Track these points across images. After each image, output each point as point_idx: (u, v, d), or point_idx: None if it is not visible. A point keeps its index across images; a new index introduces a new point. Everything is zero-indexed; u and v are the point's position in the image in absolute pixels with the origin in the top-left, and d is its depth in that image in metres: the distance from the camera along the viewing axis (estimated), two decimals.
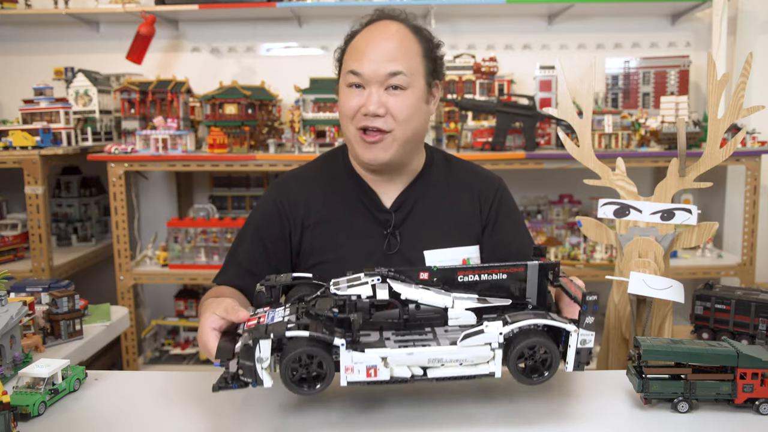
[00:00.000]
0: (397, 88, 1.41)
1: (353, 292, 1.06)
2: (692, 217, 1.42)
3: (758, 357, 1.09)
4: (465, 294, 1.13)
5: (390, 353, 1.00)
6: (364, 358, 0.99)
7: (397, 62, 1.40)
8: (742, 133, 1.47)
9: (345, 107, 1.44)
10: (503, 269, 1.16)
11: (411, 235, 1.50)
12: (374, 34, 1.43)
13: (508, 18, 3.27)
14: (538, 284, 1.17)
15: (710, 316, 1.42)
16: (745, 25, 3.09)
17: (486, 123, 2.97)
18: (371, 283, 1.08)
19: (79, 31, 3.29)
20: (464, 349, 1.01)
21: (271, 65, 3.31)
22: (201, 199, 3.41)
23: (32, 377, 1.16)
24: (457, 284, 1.15)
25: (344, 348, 0.98)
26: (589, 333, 1.03)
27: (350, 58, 1.44)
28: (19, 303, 1.34)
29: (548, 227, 3.11)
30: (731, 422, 1.09)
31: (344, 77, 1.45)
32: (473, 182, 1.58)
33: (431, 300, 1.09)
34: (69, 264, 2.89)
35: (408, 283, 1.11)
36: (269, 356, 0.98)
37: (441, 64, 1.52)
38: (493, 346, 1.01)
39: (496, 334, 1.01)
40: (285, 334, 0.98)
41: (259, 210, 1.58)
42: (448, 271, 1.15)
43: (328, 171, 1.58)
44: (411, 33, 1.45)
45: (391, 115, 1.41)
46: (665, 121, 2.74)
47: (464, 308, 1.09)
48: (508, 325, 1.01)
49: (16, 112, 2.81)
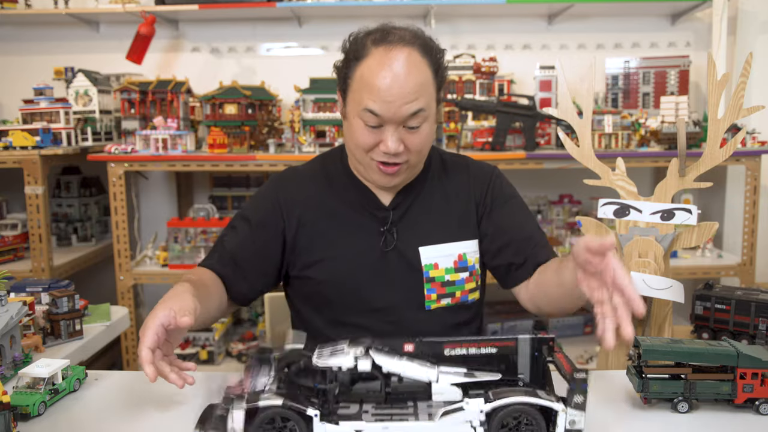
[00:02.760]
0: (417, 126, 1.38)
1: (334, 362, 1.03)
2: (692, 217, 1.42)
3: (758, 357, 1.09)
4: (452, 368, 1.08)
5: (365, 427, 0.97)
6: (338, 430, 0.96)
7: (417, 102, 1.35)
8: (742, 133, 1.48)
9: (361, 142, 1.39)
10: (493, 343, 1.10)
11: (407, 232, 1.50)
12: (389, 69, 1.33)
13: (508, 18, 3.27)
14: (531, 358, 1.11)
15: (710, 316, 1.42)
16: (745, 25, 3.09)
17: (486, 123, 2.97)
18: (354, 354, 1.04)
19: (79, 31, 3.29)
20: (443, 427, 0.97)
21: (271, 65, 3.31)
22: (201, 199, 3.41)
23: (32, 377, 1.16)
24: (444, 358, 1.10)
25: (318, 419, 0.96)
26: (579, 413, 0.98)
27: (365, 92, 1.36)
28: (19, 303, 1.34)
29: (548, 227, 3.11)
30: (731, 422, 1.09)
31: (359, 112, 1.37)
32: (467, 176, 1.58)
33: (414, 373, 1.05)
34: (69, 264, 2.89)
35: (391, 354, 1.07)
36: (242, 427, 0.95)
37: (446, 75, 1.47)
38: (474, 424, 0.97)
39: (476, 411, 0.97)
40: (258, 404, 0.95)
41: (256, 202, 1.57)
42: (435, 345, 1.10)
43: (327, 171, 1.57)
44: (422, 56, 1.38)
45: (410, 149, 1.39)
46: (665, 121, 2.74)
47: (449, 383, 1.05)
48: (490, 403, 0.97)
49: (16, 112, 2.81)
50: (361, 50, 1.38)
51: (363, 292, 1.48)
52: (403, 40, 1.37)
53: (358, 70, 1.38)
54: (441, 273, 1.49)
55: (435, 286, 1.48)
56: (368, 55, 1.37)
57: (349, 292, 1.48)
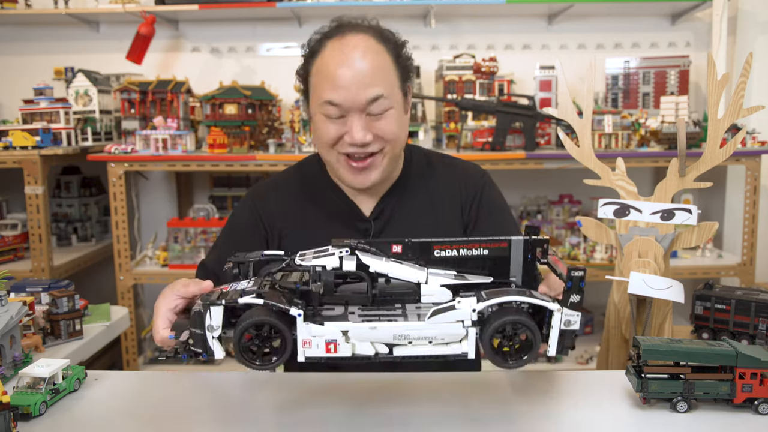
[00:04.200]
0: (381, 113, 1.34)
1: (318, 263, 0.98)
2: (692, 217, 1.42)
3: (757, 357, 1.09)
4: (442, 270, 1.04)
5: (351, 327, 0.93)
6: (322, 331, 0.92)
7: (375, 86, 1.31)
8: (742, 133, 1.47)
9: (325, 137, 1.36)
10: (485, 244, 1.06)
11: None
12: (343, 55, 1.31)
13: (508, 18, 3.27)
14: (524, 261, 1.07)
15: (710, 316, 1.42)
16: (745, 25, 3.09)
17: (486, 123, 2.97)
18: (338, 254, 1.00)
19: (79, 31, 3.29)
20: (433, 326, 0.93)
21: (271, 65, 3.31)
22: (201, 199, 3.41)
23: (32, 377, 1.16)
24: (434, 259, 1.05)
25: (301, 319, 0.91)
26: (574, 314, 0.94)
27: (322, 85, 1.34)
28: (19, 303, 1.34)
29: (548, 227, 3.11)
30: (730, 422, 1.09)
31: (319, 106, 1.35)
32: (454, 181, 1.54)
33: (402, 274, 1.00)
34: (69, 264, 2.89)
35: (379, 256, 1.03)
36: (220, 325, 0.92)
37: (410, 65, 1.43)
38: (466, 324, 0.93)
39: (468, 311, 0.93)
40: (238, 300, 0.92)
41: (235, 218, 1.55)
42: (424, 245, 1.05)
43: (305, 179, 1.54)
44: (378, 43, 1.35)
45: (379, 137, 1.35)
46: (665, 121, 2.74)
47: (439, 284, 1.01)
48: (483, 302, 0.93)
49: (16, 112, 2.81)
50: (316, 46, 1.37)
51: None
52: (355, 28, 1.35)
53: (315, 65, 1.37)
54: None
55: None
56: (323, 48, 1.36)
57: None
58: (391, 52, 1.37)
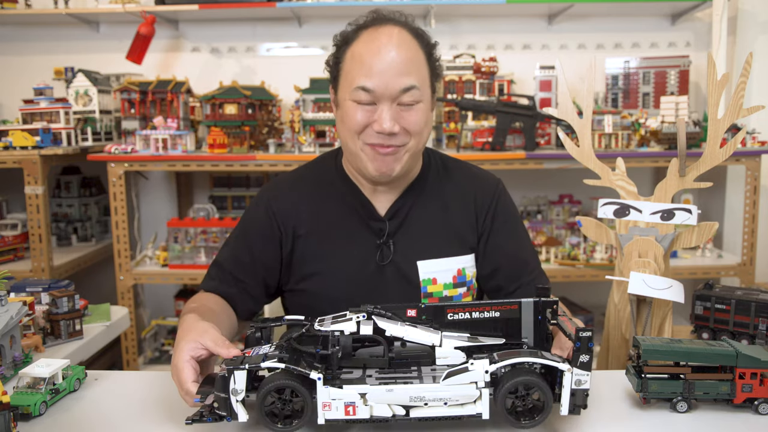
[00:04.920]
0: (411, 104, 1.34)
1: (336, 328, 1.03)
2: (692, 217, 1.42)
3: (757, 357, 1.09)
4: (455, 332, 1.08)
5: (369, 390, 0.97)
6: (342, 394, 0.96)
7: (410, 76, 1.32)
8: (742, 133, 1.47)
9: (352, 123, 1.35)
10: (496, 306, 1.10)
11: (405, 245, 1.45)
12: (379, 43, 1.33)
13: (508, 18, 3.27)
14: (535, 322, 1.11)
15: (710, 316, 1.42)
16: (745, 25, 3.09)
17: (486, 123, 2.97)
18: (355, 319, 1.04)
19: (79, 31, 3.29)
20: (448, 388, 0.97)
21: (271, 65, 3.31)
22: (201, 199, 3.41)
23: (32, 377, 1.16)
24: (447, 322, 1.10)
25: (321, 383, 0.96)
26: (585, 373, 0.97)
27: (355, 71, 1.34)
28: (19, 303, 1.34)
29: (548, 227, 3.11)
30: (730, 422, 1.09)
31: (351, 92, 1.34)
32: (470, 188, 1.53)
33: (417, 337, 1.05)
34: (69, 264, 2.89)
35: (394, 320, 1.07)
36: (243, 388, 0.96)
37: (439, 66, 1.45)
38: (480, 385, 0.97)
39: (482, 372, 0.97)
40: (260, 365, 0.96)
41: (249, 216, 1.54)
42: (438, 309, 1.10)
43: (321, 177, 1.52)
44: (413, 38, 1.37)
45: (406, 130, 1.35)
46: (665, 121, 2.74)
47: (453, 347, 1.05)
48: (495, 363, 0.97)
49: (16, 112, 2.81)
50: (351, 35, 1.39)
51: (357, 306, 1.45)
52: (392, 20, 1.38)
53: (348, 52, 1.38)
54: (439, 288, 1.45)
55: (432, 302, 1.43)
56: (357, 38, 1.37)
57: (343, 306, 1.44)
58: (424, 49, 1.39)
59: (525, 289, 1.49)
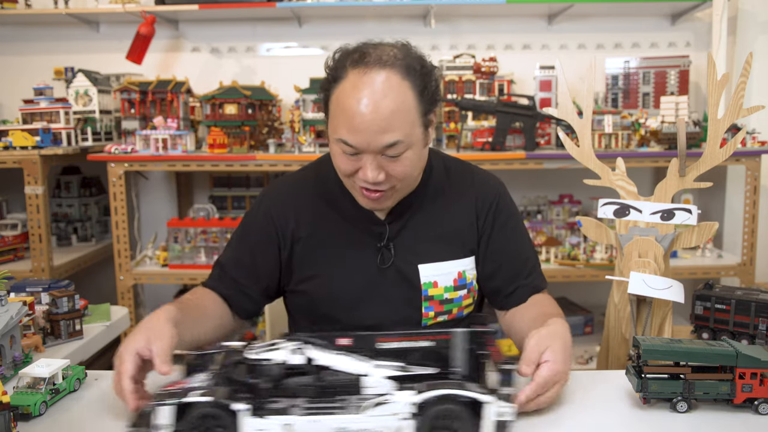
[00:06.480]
0: (396, 155, 1.30)
1: (267, 356, 1.03)
2: (692, 217, 1.42)
3: (757, 357, 1.09)
4: (389, 362, 1.08)
5: (294, 420, 0.96)
6: (266, 424, 0.95)
7: (393, 132, 1.26)
8: (742, 133, 1.48)
9: (339, 168, 1.35)
10: (429, 336, 1.11)
11: (405, 248, 1.45)
12: (361, 95, 1.25)
13: (508, 18, 3.27)
14: (469, 352, 1.11)
15: (710, 316, 1.42)
16: (745, 25, 3.09)
17: (486, 123, 2.97)
18: (286, 348, 1.04)
19: (79, 31, 3.29)
20: (371, 419, 0.96)
21: (271, 65, 3.31)
22: (201, 199, 3.41)
23: (32, 377, 1.16)
24: (380, 351, 1.10)
25: (245, 414, 0.95)
26: (508, 405, 0.98)
27: (338, 120, 1.29)
28: (19, 303, 1.34)
29: (548, 227, 3.11)
30: (730, 422, 1.09)
31: (334, 141, 1.31)
32: (471, 190, 1.52)
33: (346, 366, 1.04)
34: (69, 264, 2.89)
35: (326, 348, 1.07)
36: (169, 423, 0.95)
37: (436, 94, 1.36)
38: (402, 417, 0.97)
39: (404, 403, 0.97)
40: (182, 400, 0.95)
41: (249, 219, 1.54)
42: (369, 339, 1.10)
43: (321, 180, 1.51)
44: (402, 79, 1.28)
45: (393, 177, 1.32)
46: (665, 121, 2.74)
47: (383, 376, 1.04)
48: (419, 395, 0.97)
49: (16, 112, 2.81)
50: (340, 71, 1.31)
51: (358, 308, 1.44)
52: (380, 61, 1.28)
53: (335, 93, 1.31)
54: (440, 291, 1.45)
55: (433, 304, 1.44)
56: (344, 77, 1.29)
57: (343, 309, 1.45)
58: (416, 89, 1.31)
59: (523, 291, 1.49)
